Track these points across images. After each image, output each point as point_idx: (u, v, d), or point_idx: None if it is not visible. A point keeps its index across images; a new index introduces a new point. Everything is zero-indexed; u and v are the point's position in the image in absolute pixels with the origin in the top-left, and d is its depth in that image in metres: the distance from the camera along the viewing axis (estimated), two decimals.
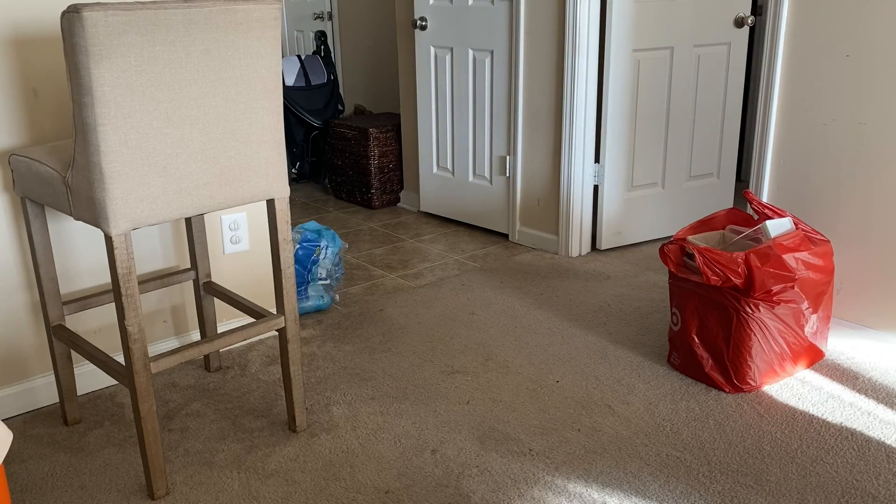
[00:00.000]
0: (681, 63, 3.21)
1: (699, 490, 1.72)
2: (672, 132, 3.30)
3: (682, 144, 3.34)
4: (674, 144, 3.32)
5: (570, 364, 2.31)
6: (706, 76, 3.29)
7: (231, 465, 1.85)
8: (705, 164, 3.42)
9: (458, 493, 1.73)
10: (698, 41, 3.21)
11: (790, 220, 2.17)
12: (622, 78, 3.08)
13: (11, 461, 1.87)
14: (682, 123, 3.31)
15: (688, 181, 3.41)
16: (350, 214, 4.03)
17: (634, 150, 3.22)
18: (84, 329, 2.17)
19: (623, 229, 3.30)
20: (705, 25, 3.19)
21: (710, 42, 3.23)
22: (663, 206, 3.38)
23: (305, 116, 4.33)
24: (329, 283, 2.73)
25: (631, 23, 3.02)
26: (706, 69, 3.28)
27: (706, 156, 3.42)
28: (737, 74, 3.35)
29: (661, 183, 3.35)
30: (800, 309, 2.10)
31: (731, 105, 3.40)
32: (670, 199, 3.39)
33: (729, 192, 3.52)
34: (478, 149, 3.56)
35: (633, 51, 3.06)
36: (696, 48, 3.22)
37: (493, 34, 3.32)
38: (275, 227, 1.81)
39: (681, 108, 3.28)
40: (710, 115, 3.36)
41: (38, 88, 1.96)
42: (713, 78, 3.31)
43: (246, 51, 1.61)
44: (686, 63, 3.22)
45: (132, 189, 1.52)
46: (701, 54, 3.24)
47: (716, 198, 3.50)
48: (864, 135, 2.25)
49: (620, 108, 3.12)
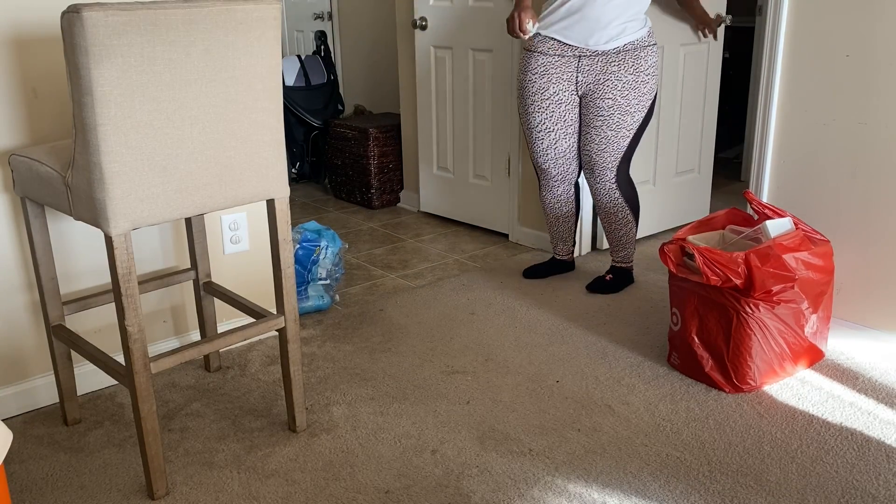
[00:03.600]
0: (670, 62, 3.24)
1: (699, 490, 1.72)
2: (663, 130, 3.34)
3: (671, 141, 3.39)
4: (664, 141, 3.36)
5: (570, 364, 2.31)
6: (690, 74, 3.34)
7: (231, 465, 1.85)
8: (689, 160, 3.50)
9: (458, 493, 1.73)
10: (684, 40, 3.25)
11: (790, 220, 2.17)
12: None
13: (11, 461, 1.87)
14: (671, 121, 3.35)
15: (674, 177, 3.47)
16: (350, 214, 4.03)
17: None
18: (84, 329, 2.17)
19: None
20: (687, 24, 3.22)
21: (693, 41, 3.29)
22: (655, 203, 3.42)
23: (305, 116, 4.33)
24: (329, 283, 2.73)
25: None
26: (690, 67, 3.33)
27: (690, 152, 3.49)
28: (714, 72, 3.44)
29: (652, 180, 3.38)
30: (800, 309, 2.10)
31: (709, 102, 3.49)
32: (661, 196, 3.43)
33: (707, 186, 3.63)
34: (478, 149, 3.56)
35: None
36: (683, 47, 3.26)
37: (493, 34, 3.32)
38: (275, 227, 1.81)
39: (670, 106, 3.33)
40: (693, 111, 3.43)
41: (38, 88, 1.96)
42: (695, 76, 3.37)
43: (246, 51, 1.61)
44: (674, 62, 3.26)
45: (132, 189, 1.52)
46: (686, 53, 3.29)
47: (697, 192, 3.60)
48: (864, 135, 2.25)
49: None
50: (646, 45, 2.54)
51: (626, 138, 2.59)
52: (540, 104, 2.60)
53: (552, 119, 2.62)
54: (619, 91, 2.53)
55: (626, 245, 2.83)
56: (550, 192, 2.81)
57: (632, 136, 2.60)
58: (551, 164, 2.71)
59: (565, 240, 2.95)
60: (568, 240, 2.96)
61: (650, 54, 2.55)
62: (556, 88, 2.58)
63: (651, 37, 2.56)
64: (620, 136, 2.58)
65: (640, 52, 2.53)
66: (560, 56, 2.55)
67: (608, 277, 2.85)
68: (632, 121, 2.57)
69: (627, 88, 2.53)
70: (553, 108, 2.60)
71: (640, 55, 2.53)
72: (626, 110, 2.55)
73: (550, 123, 2.62)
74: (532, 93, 2.61)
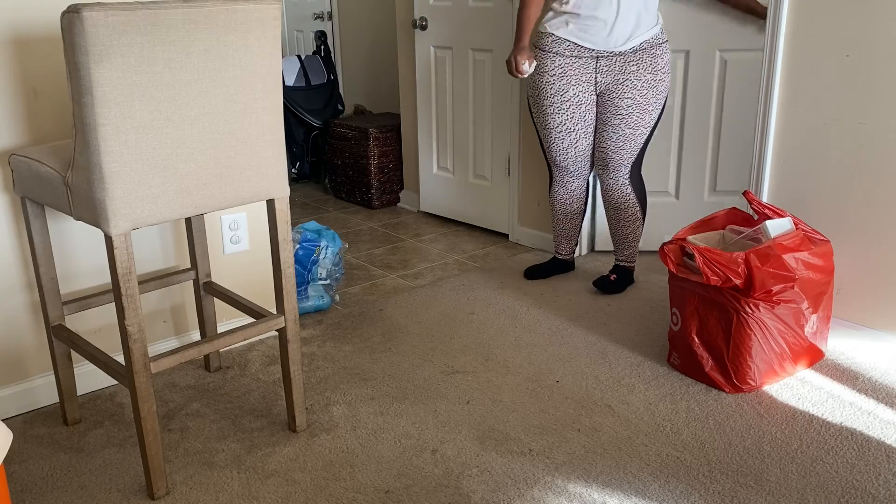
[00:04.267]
0: (701, 67, 2.96)
1: (699, 490, 1.72)
2: (688, 140, 3.08)
3: (700, 154, 3.10)
4: (690, 153, 3.10)
5: (570, 364, 2.31)
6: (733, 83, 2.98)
7: (231, 465, 1.85)
8: (732, 178, 3.11)
9: (458, 493, 1.73)
10: (722, 45, 2.94)
11: (790, 220, 2.17)
12: None
13: (11, 461, 1.87)
14: (700, 132, 3.07)
15: (711, 195, 3.16)
16: (350, 214, 4.03)
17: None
18: (84, 329, 2.17)
19: None
20: (730, 28, 2.92)
21: (739, 47, 2.93)
22: (679, 217, 3.20)
23: (305, 116, 4.33)
24: (329, 283, 2.73)
25: None
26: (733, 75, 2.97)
27: (734, 170, 3.09)
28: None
29: (674, 192, 3.19)
30: (800, 309, 2.10)
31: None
32: (687, 212, 3.19)
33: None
34: (478, 149, 3.56)
35: None
36: (722, 52, 2.96)
37: (493, 34, 3.32)
38: (275, 227, 1.81)
39: (700, 116, 3.04)
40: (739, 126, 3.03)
41: (38, 88, 1.96)
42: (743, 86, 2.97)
43: (246, 51, 1.61)
44: (707, 68, 2.96)
45: (132, 189, 1.52)
46: (728, 59, 2.97)
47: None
48: (864, 135, 2.25)
49: None
50: (661, 41, 2.57)
51: (643, 136, 2.63)
52: (559, 106, 2.62)
53: (573, 120, 2.64)
54: (637, 90, 2.56)
55: (631, 243, 2.84)
56: (564, 188, 2.83)
57: (648, 134, 2.64)
58: (570, 162, 2.74)
59: (570, 238, 2.96)
60: (572, 238, 2.97)
61: (665, 51, 2.58)
62: (576, 90, 2.60)
63: (664, 33, 2.58)
64: (638, 133, 2.61)
65: (656, 49, 2.55)
66: (577, 58, 2.56)
67: (612, 277, 2.85)
68: (649, 119, 2.61)
69: (646, 87, 2.56)
70: (574, 110, 2.62)
71: (656, 53, 2.55)
72: (644, 108, 2.58)
73: (571, 124, 2.65)
74: (550, 94, 2.62)
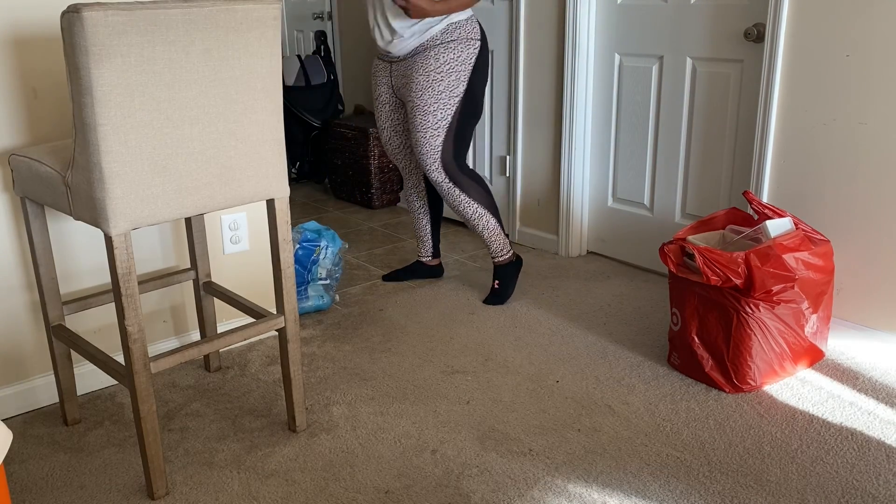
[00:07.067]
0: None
1: (699, 490, 1.72)
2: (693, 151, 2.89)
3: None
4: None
5: (570, 364, 2.31)
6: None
7: (231, 465, 1.85)
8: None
9: (458, 493, 1.73)
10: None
11: (790, 220, 2.17)
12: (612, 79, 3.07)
13: (11, 461, 1.87)
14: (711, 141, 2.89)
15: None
16: (350, 214, 4.03)
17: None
18: (84, 329, 2.17)
19: (607, 237, 3.21)
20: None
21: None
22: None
23: (305, 116, 4.33)
24: (329, 283, 2.73)
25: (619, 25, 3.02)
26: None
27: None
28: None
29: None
30: (800, 309, 2.10)
31: None
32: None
33: None
34: (478, 149, 3.56)
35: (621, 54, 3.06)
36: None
37: (493, 34, 3.32)
38: (275, 227, 1.81)
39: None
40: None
41: (38, 88, 1.96)
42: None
43: (246, 51, 1.61)
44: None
45: (132, 189, 1.52)
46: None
47: None
48: (864, 135, 2.25)
49: (606, 111, 3.12)
50: (437, 43, 2.51)
51: (436, 137, 2.58)
52: (376, 105, 2.78)
53: (381, 119, 2.79)
54: (414, 93, 2.56)
55: (489, 238, 2.75)
56: (404, 186, 2.95)
57: (444, 134, 2.58)
58: (397, 160, 2.87)
59: (421, 239, 2.99)
60: (423, 239, 2.98)
61: (444, 51, 2.51)
62: (380, 91, 2.74)
63: (447, 33, 2.50)
64: (429, 135, 2.58)
65: (430, 52, 2.51)
66: (382, 60, 2.70)
67: (496, 284, 2.80)
68: (433, 119, 2.56)
69: (420, 89, 2.54)
70: (381, 109, 2.77)
71: (429, 55, 2.51)
72: (425, 111, 2.56)
73: (381, 123, 2.80)
74: (373, 95, 2.79)
